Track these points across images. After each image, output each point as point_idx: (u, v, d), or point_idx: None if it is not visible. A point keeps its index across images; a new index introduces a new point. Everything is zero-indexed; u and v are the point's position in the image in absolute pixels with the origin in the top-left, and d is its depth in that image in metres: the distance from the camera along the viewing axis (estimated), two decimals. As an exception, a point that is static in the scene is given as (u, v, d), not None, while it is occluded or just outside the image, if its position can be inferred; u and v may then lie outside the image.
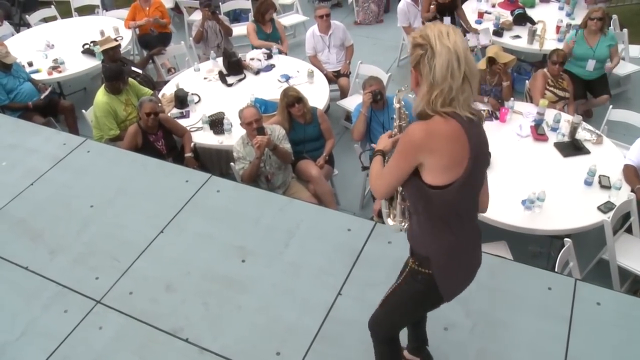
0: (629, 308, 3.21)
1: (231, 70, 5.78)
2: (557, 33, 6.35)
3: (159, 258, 3.52)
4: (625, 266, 4.24)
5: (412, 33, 1.96)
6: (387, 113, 4.87)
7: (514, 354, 2.95)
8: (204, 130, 5.04)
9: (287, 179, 4.79)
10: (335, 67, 6.31)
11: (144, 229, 3.70)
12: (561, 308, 3.14)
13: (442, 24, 1.93)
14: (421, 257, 2.18)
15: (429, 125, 1.92)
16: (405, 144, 1.97)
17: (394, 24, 8.02)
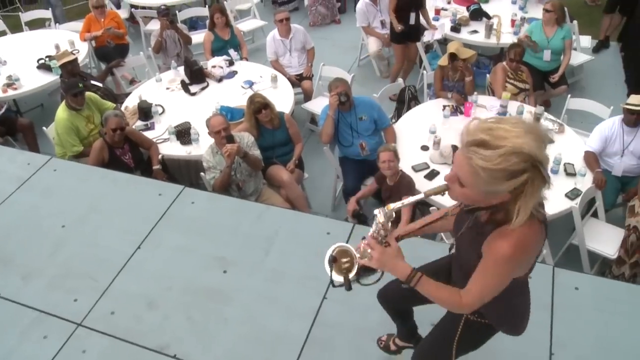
0: (605, 291, 3.32)
1: (193, 79, 5.72)
2: (513, 27, 6.51)
3: (138, 274, 3.46)
4: (594, 249, 4.38)
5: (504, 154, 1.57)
6: (354, 114, 4.90)
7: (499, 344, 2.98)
8: (170, 142, 4.97)
9: (259, 185, 4.77)
10: (297, 70, 6.32)
11: (120, 246, 3.63)
12: (542, 295, 3.22)
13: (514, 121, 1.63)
14: (479, 312, 2.09)
15: (536, 232, 1.77)
16: (511, 264, 1.78)
17: (352, 24, 8.08)
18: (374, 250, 1.92)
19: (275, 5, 8.74)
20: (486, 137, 1.56)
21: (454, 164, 1.70)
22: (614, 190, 4.72)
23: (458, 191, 1.73)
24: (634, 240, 4.15)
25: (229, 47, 6.27)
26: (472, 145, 1.58)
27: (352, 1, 8.86)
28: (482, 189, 1.65)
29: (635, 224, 4.12)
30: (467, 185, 1.67)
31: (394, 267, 1.94)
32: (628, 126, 4.64)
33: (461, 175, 1.66)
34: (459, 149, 1.67)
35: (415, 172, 4.63)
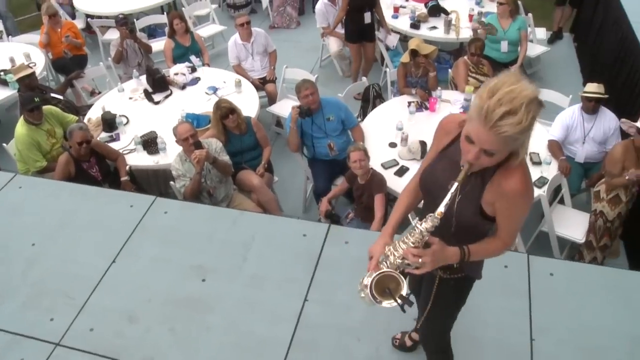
0: (578, 275, 3.42)
1: (156, 87, 5.65)
2: (470, 21, 6.63)
3: (115, 289, 3.40)
4: (562, 235, 4.50)
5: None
6: (321, 115, 4.91)
7: (483, 333, 3.07)
8: (137, 152, 4.90)
9: (229, 191, 4.74)
10: (260, 74, 6.31)
11: (94, 261, 3.56)
12: (519, 283, 3.30)
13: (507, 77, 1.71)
14: (452, 267, 2.19)
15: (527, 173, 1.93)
16: (529, 197, 1.94)
17: (310, 26, 8.12)
18: (426, 256, 1.92)
19: (232, 9, 8.68)
20: (506, 107, 1.63)
21: (477, 143, 1.75)
22: (578, 176, 4.86)
23: (485, 161, 1.80)
24: (601, 225, 4.29)
25: (190, 53, 6.21)
26: (499, 121, 1.65)
27: (310, 3, 8.89)
28: (513, 147, 1.77)
29: (602, 209, 4.25)
30: (498, 152, 1.76)
31: (448, 258, 2.01)
32: (587, 113, 4.78)
33: (492, 148, 1.73)
34: (477, 128, 1.71)
35: (385, 169, 4.67)
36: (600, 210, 4.26)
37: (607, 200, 4.21)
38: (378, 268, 1.99)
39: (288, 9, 8.35)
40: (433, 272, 2.15)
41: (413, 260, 1.92)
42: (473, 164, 1.82)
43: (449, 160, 2.03)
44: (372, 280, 1.96)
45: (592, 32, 7.09)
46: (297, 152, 5.04)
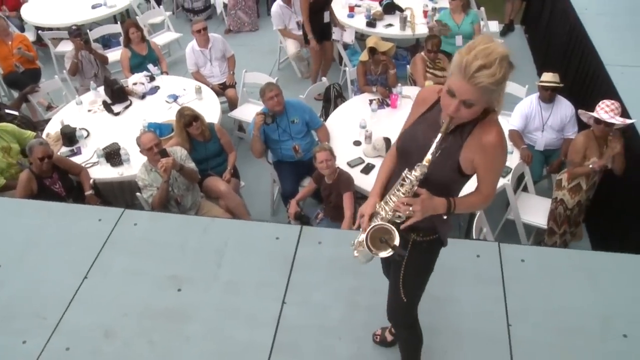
0: (547, 259, 3.52)
1: (115, 98, 5.56)
2: (425, 17, 6.73)
3: (89, 305, 3.33)
4: (528, 222, 4.61)
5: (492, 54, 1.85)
6: (285, 118, 4.92)
7: (461, 324, 3.13)
8: (100, 165, 4.82)
9: (197, 199, 4.71)
10: (220, 79, 6.27)
11: (65, 279, 3.48)
12: (492, 271, 3.38)
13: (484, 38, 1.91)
14: (427, 227, 2.28)
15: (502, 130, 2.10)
16: (505, 150, 2.11)
17: (267, 29, 8.12)
18: (415, 205, 2.06)
19: (189, 13, 8.60)
20: (481, 61, 1.83)
21: (458, 95, 1.92)
22: (539, 163, 4.99)
23: (464, 113, 1.97)
24: (561, 212, 4.41)
25: (147, 62, 6.13)
26: (476, 72, 1.84)
27: (264, 6, 8.87)
28: (489, 98, 1.95)
29: (562, 197, 4.37)
30: (477, 104, 1.94)
31: (436, 208, 2.13)
32: (544, 102, 4.91)
33: (471, 99, 1.91)
34: (457, 81, 1.89)
35: (351, 167, 4.70)
36: (561, 199, 4.38)
37: (567, 189, 4.32)
38: (369, 225, 2.15)
39: (239, 13, 8.30)
40: (406, 236, 2.28)
41: (404, 209, 2.06)
42: (454, 117, 1.98)
43: (428, 123, 2.18)
44: (368, 233, 2.12)
45: (542, 23, 7.29)
46: (262, 158, 5.04)
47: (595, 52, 5.34)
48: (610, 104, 4.12)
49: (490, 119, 2.05)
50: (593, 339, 3.06)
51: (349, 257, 3.49)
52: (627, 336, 3.06)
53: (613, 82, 4.91)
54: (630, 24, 5.93)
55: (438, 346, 3.04)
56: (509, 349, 3.01)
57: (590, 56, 5.46)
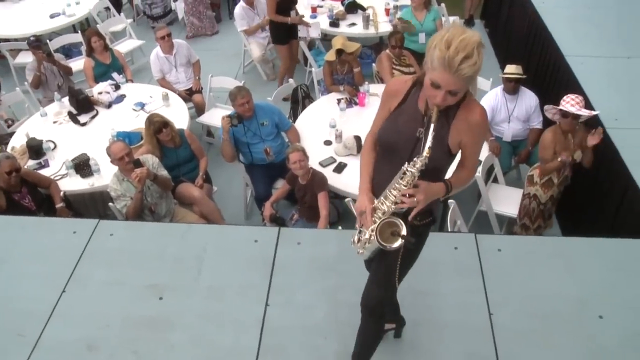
0: (523, 247, 3.61)
1: (81, 108, 5.47)
2: (388, 15, 6.81)
3: (69, 319, 3.27)
4: (500, 212, 4.71)
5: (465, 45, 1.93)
6: (255, 120, 4.91)
7: (444, 315, 3.18)
8: (70, 176, 4.74)
9: (171, 206, 4.67)
10: (186, 85, 6.23)
11: (42, 294, 3.40)
12: (471, 262, 3.44)
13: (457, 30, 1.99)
14: (423, 212, 2.28)
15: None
16: (488, 126, 2.25)
17: (229, 33, 8.09)
18: (419, 195, 2.13)
19: (150, 20, 8.50)
20: (463, 53, 1.91)
21: (443, 86, 2.00)
22: (507, 154, 5.10)
23: (450, 100, 2.06)
24: (534, 207, 4.49)
25: (111, 71, 6.05)
26: (460, 65, 1.92)
27: (226, 9, 8.84)
28: (470, 85, 2.08)
29: (535, 192, 4.45)
30: (460, 91, 2.05)
31: (437, 193, 2.23)
32: (509, 94, 5.02)
33: (456, 88, 2.01)
34: (442, 74, 1.97)
35: (323, 167, 4.73)
36: (534, 194, 4.45)
37: (540, 184, 4.40)
38: (372, 221, 2.23)
39: (191, 18, 8.24)
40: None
41: (409, 200, 2.14)
42: (441, 105, 2.07)
43: (407, 114, 2.25)
44: (377, 229, 2.18)
45: (501, 17, 7.44)
46: (233, 162, 5.02)
47: (555, 44, 5.48)
48: (574, 98, 4.20)
49: (469, 99, 2.16)
50: (571, 322, 3.15)
51: (329, 256, 3.57)
52: (603, 317, 3.16)
53: (574, 72, 5.05)
54: (587, 16, 6.11)
55: (423, 339, 3.09)
56: (492, 337, 3.07)
57: (550, 48, 5.60)
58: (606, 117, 4.50)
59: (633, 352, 3.00)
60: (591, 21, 6.02)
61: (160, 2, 8.37)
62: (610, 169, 4.34)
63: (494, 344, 3.04)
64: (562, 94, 4.34)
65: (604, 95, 4.73)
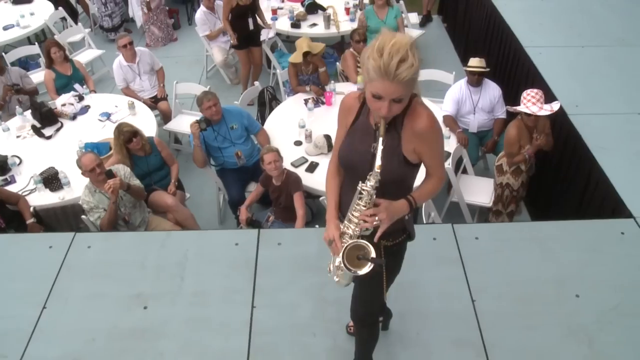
0: (499, 234, 3.72)
1: (45, 121, 5.36)
2: (348, 14, 6.87)
3: (53, 335, 3.21)
4: (472, 202, 4.81)
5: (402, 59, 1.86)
6: (224, 124, 4.90)
7: (429, 305, 3.25)
8: (39, 191, 4.63)
9: (145, 215, 4.63)
10: (150, 93, 6.17)
11: (22, 311, 3.33)
12: (450, 252, 3.52)
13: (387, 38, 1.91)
14: (396, 230, 2.28)
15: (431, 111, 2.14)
16: (440, 130, 2.15)
17: (189, 39, 8.05)
18: (381, 214, 2.08)
19: (106, 32, 8.37)
20: (397, 57, 1.85)
21: (386, 96, 1.92)
22: (474, 145, 5.21)
23: (396, 109, 1.99)
24: (508, 194, 4.61)
25: (73, 82, 5.94)
26: (397, 70, 1.86)
27: (185, 16, 8.78)
28: (413, 88, 1.97)
29: (507, 181, 4.57)
30: (404, 97, 1.96)
31: (401, 210, 2.16)
32: (473, 86, 5.14)
33: (399, 94, 1.93)
34: (381, 84, 1.90)
35: (296, 167, 4.76)
36: (506, 183, 4.57)
37: (510, 172, 4.52)
38: (341, 247, 2.14)
39: (152, 27, 8.13)
40: (377, 245, 2.23)
41: (371, 220, 2.08)
42: (387, 116, 2.01)
43: (361, 131, 2.22)
44: (343, 255, 2.10)
45: (459, 12, 7.60)
46: (205, 167, 5.00)
47: (514, 36, 5.64)
48: (534, 94, 4.27)
49: (415, 104, 2.08)
50: (550, 303, 3.26)
51: (310, 254, 3.60)
52: (579, 296, 3.28)
53: (534, 62, 5.20)
54: (540, 7, 6.31)
55: (410, 329, 3.15)
56: (476, 323, 3.15)
57: (509, 40, 5.76)
58: (567, 104, 4.66)
59: (609, 326, 3.12)
60: (544, 12, 6.21)
61: (118, 11, 8.25)
62: (574, 153, 4.49)
63: (479, 329, 3.12)
64: (523, 83, 4.49)
65: (564, 84, 4.89)
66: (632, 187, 3.92)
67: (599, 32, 5.81)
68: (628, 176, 4.00)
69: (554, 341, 3.06)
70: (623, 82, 5.04)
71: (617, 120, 4.58)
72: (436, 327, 3.15)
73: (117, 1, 8.19)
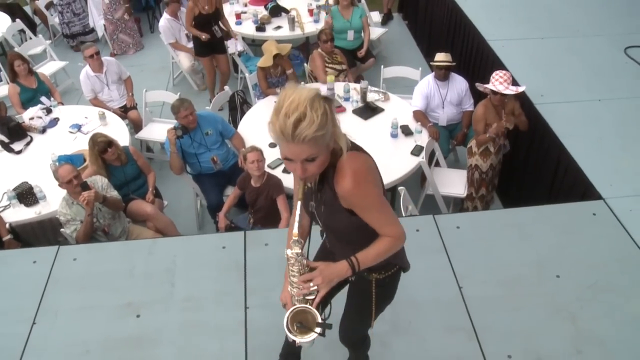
0: (479, 222, 3.86)
1: (13, 136, 5.26)
2: (312, 16, 6.94)
3: (45, 350, 3.18)
4: (447, 193, 4.94)
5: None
6: (199, 131, 4.91)
7: (418, 295, 3.33)
8: (13, 207, 4.56)
9: (125, 225, 4.60)
10: (120, 102, 6.12)
11: (11, 329, 3.28)
12: (434, 242, 3.63)
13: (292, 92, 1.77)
14: (381, 266, 2.23)
15: (362, 156, 1.99)
16: (367, 188, 1.97)
17: (152, 47, 8.01)
18: (316, 279, 2.00)
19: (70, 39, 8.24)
20: (294, 117, 1.71)
21: (295, 158, 1.81)
22: (445, 138, 5.34)
23: (313, 169, 1.86)
24: (477, 177, 4.78)
25: (39, 95, 5.84)
26: (295, 132, 1.73)
27: (146, 23, 8.72)
28: (325, 144, 1.82)
29: (475, 162, 4.74)
30: (317, 155, 1.82)
31: (339, 273, 2.05)
32: (440, 80, 5.26)
33: (309, 154, 1.80)
34: (286, 147, 1.80)
35: (272, 169, 4.79)
36: (475, 164, 4.75)
37: (479, 154, 4.70)
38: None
39: (121, 36, 8.07)
40: (367, 277, 2.25)
41: (307, 287, 2.00)
42: (306, 177, 1.90)
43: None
44: (286, 326, 2.03)
45: (420, 9, 7.76)
46: (182, 174, 5.00)
47: (476, 30, 5.80)
48: (502, 75, 4.51)
49: (341, 162, 1.92)
50: (532, 284, 3.40)
51: (298, 253, 3.64)
52: (560, 276, 3.43)
53: (497, 55, 5.37)
54: (499, 2, 6.50)
55: (402, 319, 3.23)
56: (465, 308, 3.26)
57: (472, 34, 5.93)
58: (533, 94, 4.84)
59: (588, 303, 3.28)
60: (503, 7, 6.41)
61: (78, 21, 8.14)
62: (542, 141, 4.66)
63: (468, 315, 3.23)
64: (489, 75, 4.62)
65: (528, 75, 5.07)
66: (600, 171, 4.10)
67: (556, 24, 6.03)
68: (595, 160, 4.19)
69: (540, 321, 3.19)
70: (582, 71, 5.27)
71: (580, 107, 4.78)
72: (427, 315, 3.25)
73: (75, 12, 8.07)
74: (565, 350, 3.06)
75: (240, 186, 4.69)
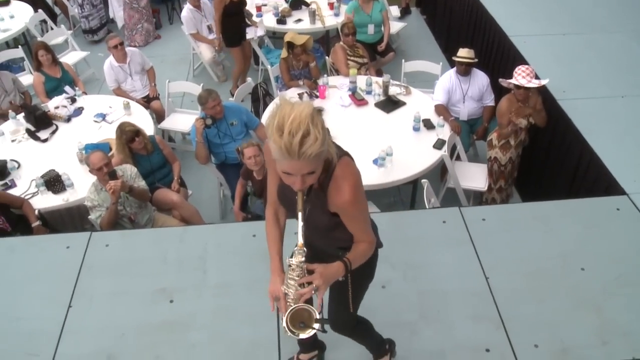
0: (504, 215, 3.92)
1: (40, 125, 5.33)
2: (332, 9, 6.99)
3: (82, 333, 3.26)
4: (468, 187, 4.99)
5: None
6: (225, 121, 4.98)
7: (446, 285, 3.41)
8: (42, 194, 4.63)
9: (151, 213, 4.67)
10: (142, 93, 6.19)
11: (48, 312, 3.37)
12: (460, 233, 3.70)
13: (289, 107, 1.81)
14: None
15: (353, 165, 2.09)
16: (359, 200, 2.11)
17: (172, 38, 8.06)
18: (316, 280, 2.07)
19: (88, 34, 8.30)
20: (299, 135, 1.76)
21: (296, 173, 1.88)
22: (466, 133, 5.40)
23: (311, 180, 1.96)
24: (496, 169, 4.84)
25: (63, 84, 5.90)
26: (301, 149, 1.77)
27: (165, 15, 8.77)
28: (325, 156, 1.92)
29: (495, 155, 4.80)
30: (316, 169, 1.91)
31: (336, 273, 2.15)
32: (462, 76, 5.31)
33: (310, 169, 1.87)
34: (288, 163, 1.84)
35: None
36: (495, 157, 4.80)
37: (499, 147, 4.75)
38: (288, 306, 2.13)
39: (145, 25, 8.14)
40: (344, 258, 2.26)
41: (308, 290, 2.07)
42: (303, 188, 1.97)
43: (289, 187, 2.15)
44: (286, 320, 2.07)
45: (439, 4, 7.78)
46: (207, 163, 5.07)
47: (498, 26, 5.84)
48: (525, 69, 4.55)
49: (336, 171, 2.03)
50: (557, 276, 3.46)
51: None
52: (585, 269, 3.49)
53: (519, 51, 5.41)
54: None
55: (430, 307, 3.30)
56: (492, 298, 3.32)
57: (493, 30, 5.96)
58: (555, 90, 4.88)
59: (613, 296, 3.34)
60: (523, 2, 6.43)
61: (96, 12, 8.19)
62: (564, 137, 4.70)
63: (495, 305, 3.29)
64: (510, 71, 4.67)
65: (549, 70, 5.09)
66: (623, 166, 4.15)
67: (577, 20, 6.06)
68: (618, 156, 4.23)
69: (565, 312, 3.26)
70: (604, 67, 5.30)
71: (602, 103, 4.82)
72: (455, 304, 3.31)
73: (94, 3, 8.12)
74: (591, 341, 3.12)
75: (244, 176, 4.71)
